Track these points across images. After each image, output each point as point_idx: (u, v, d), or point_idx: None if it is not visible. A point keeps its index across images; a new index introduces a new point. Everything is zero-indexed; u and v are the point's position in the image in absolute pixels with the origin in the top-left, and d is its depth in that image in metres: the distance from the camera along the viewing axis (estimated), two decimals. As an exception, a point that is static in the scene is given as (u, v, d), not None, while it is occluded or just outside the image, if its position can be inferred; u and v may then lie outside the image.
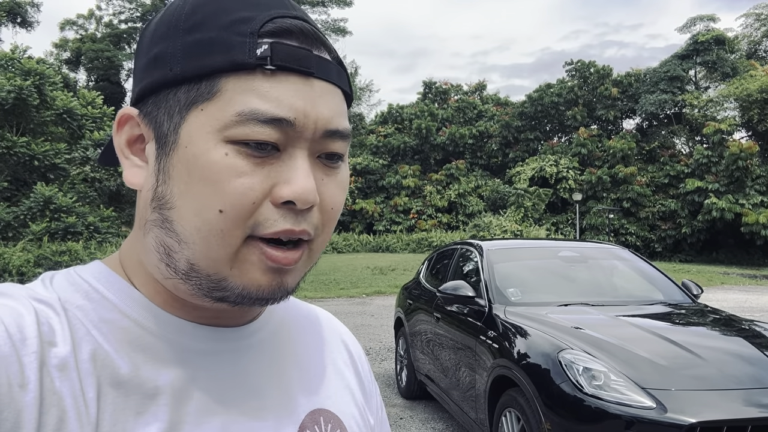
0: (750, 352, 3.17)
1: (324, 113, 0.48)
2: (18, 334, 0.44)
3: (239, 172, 0.45)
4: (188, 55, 0.47)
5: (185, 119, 0.47)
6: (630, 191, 29.92)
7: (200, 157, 0.46)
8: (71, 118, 18.31)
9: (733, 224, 26.71)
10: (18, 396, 0.41)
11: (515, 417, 3.28)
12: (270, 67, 0.46)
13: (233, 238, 0.46)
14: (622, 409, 2.70)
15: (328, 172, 0.50)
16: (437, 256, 5.96)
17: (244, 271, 0.47)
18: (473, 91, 39.29)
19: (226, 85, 0.46)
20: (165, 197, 0.48)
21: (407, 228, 32.05)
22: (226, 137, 0.45)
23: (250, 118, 0.45)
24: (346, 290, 15.39)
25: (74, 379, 0.45)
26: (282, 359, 0.59)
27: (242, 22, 0.46)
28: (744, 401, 2.74)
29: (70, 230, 15.75)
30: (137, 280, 0.52)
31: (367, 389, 0.67)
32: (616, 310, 3.89)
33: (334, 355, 0.65)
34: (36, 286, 0.50)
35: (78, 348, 0.46)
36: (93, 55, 37.52)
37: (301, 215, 0.48)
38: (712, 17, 33.36)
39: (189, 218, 0.47)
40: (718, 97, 29.89)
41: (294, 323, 0.64)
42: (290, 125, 0.46)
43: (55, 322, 0.47)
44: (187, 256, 0.48)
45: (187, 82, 0.47)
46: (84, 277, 0.52)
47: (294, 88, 0.47)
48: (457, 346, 4.28)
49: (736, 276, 21.14)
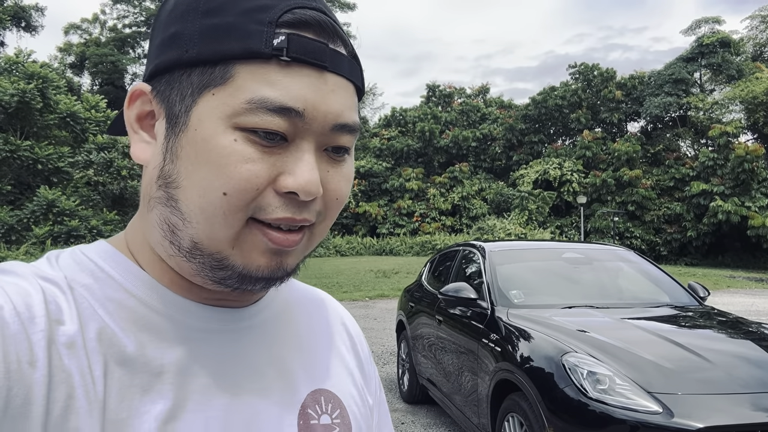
0: (758, 355, 3.10)
1: (334, 107, 0.48)
2: (26, 313, 0.44)
3: (246, 158, 0.46)
4: (205, 39, 0.47)
5: (197, 102, 0.47)
6: (635, 194, 29.78)
7: (209, 141, 0.46)
8: (75, 121, 18.35)
9: (739, 227, 26.55)
10: (27, 373, 0.42)
11: (518, 422, 3.21)
12: (285, 59, 0.46)
13: (235, 220, 0.47)
14: (628, 414, 2.63)
15: (334, 164, 0.51)
16: (439, 257, 5.90)
17: (245, 251, 0.48)
18: (477, 94, 39.27)
19: (240, 72, 0.46)
20: (171, 176, 0.49)
21: (411, 231, 32.00)
22: (236, 123, 0.46)
23: (260, 106, 0.45)
24: (349, 293, 15.34)
25: (82, 356, 0.46)
26: (284, 340, 0.60)
27: (261, 10, 0.47)
28: (752, 405, 2.66)
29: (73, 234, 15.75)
30: (142, 259, 0.53)
31: (366, 370, 0.68)
32: (622, 313, 3.82)
33: (334, 337, 0.66)
34: (42, 265, 0.51)
35: (85, 326, 0.47)
36: (97, 60, 37.69)
37: (303, 205, 0.48)
38: (717, 19, 33.25)
39: (193, 198, 0.47)
40: (724, 100, 29.76)
41: (296, 305, 0.65)
42: (299, 116, 0.46)
43: (61, 301, 0.47)
44: (190, 234, 0.48)
45: (201, 64, 0.47)
46: (89, 256, 0.52)
47: (307, 80, 0.47)
48: (459, 349, 4.21)
49: (743, 279, 20.98)
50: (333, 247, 29.02)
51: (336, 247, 29.15)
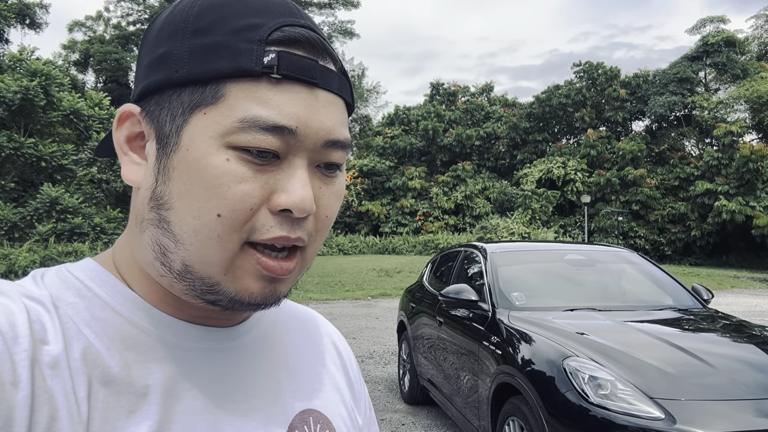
0: (762, 359, 3.06)
1: (326, 124, 0.48)
2: (10, 332, 0.44)
3: (239, 178, 0.46)
4: (194, 58, 0.47)
5: (188, 122, 0.47)
6: (639, 194, 29.68)
7: (201, 161, 0.46)
8: (78, 119, 18.36)
9: (744, 227, 26.44)
10: (10, 394, 0.42)
11: (518, 426, 3.18)
12: (276, 76, 0.46)
13: (230, 243, 0.47)
14: (630, 420, 2.60)
15: (326, 180, 0.51)
16: (441, 258, 5.87)
17: (237, 277, 0.48)
18: (481, 92, 39.18)
19: (231, 91, 0.46)
20: (164, 198, 0.48)
21: (413, 230, 31.97)
22: (228, 143, 0.46)
23: (252, 124, 0.45)
24: (352, 292, 15.32)
25: (66, 377, 0.45)
26: (272, 360, 0.59)
27: (250, 29, 0.47)
28: (756, 411, 2.63)
29: (76, 231, 15.79)
30: (130, 278, 0.53)
31: (356, 390, 0.68)
32: (624, 316, 3.78)
33: (324, 356, 0.66)
34: (27, 283, 0.50)
35: (69, 346, 0.46)
36: (101, 57, 37.73)
37: (297, 223, 0.48)
38: (722, 18, 33.07)
39: (187, 220, 0.47)
40: (728, 99, 29.61)
41: (285, 324, 0.64)
42: (291, 134, 0.46)
43: (46, 320, 0.46)
44: (182, 257, 0.48)
45: (191, 84, 0.47)
46: (75, 275, 0.52)
47: (298, 97, 0.47)
48: (460, 351, 4.18)
49: (747, 280, 20.89)
50: (336, 245, 29.03)
51: (339, 245, 29.15)
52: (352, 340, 8.82)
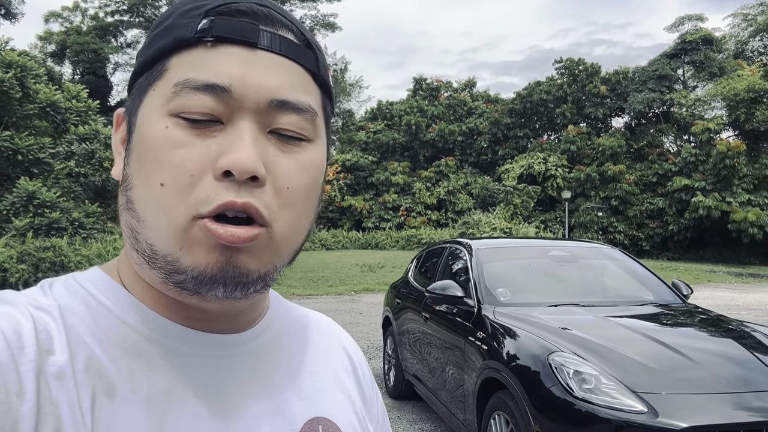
0: (740, 353, 3.14)
1: (267, 82, 0.47)
2: (16, 342, 0.44)
3: (177, 143, 0.45)
4: (150, 45, 0.50)
5: (142, 102, 0.49)
6: (618, 189, 30.07)
7: (145, 132, 0.47)
8: (55, 111, 18.01)
9: (720, 222, 26.95)
10: (15, 405, 0.41)
11: (504, 420, 3.22)
12: (209, 39, 0.46)
13: (176, 215, 0.46)
14: (613, 414, 2.65)
15: (285, 148, 0.49)
16: (426, 254, 5.90)
17: (193, 250, 0.46)
18: (463, 88, 39.27)
19: (172, 63, 0.47)
20: (128, 178, 0.49)
21: (396, 225, 32.01)
22: (168, 110, 0.46)
23: (184, 86, 0.46)
24: (335, 287, 15.32)
25: (71, 388, 0.45)
26: (279, 367, 0.58)
27: (196, 8, 0.48)
28: (735, 405, 2.70)
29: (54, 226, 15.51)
30: (130, 283, 0.53)
31: (367, 397, 0.67)
32: (607, 311, 3.85)
33: (334, 363, 0.65)
34: (35, 293, 0.50)
35: (74, 356, 0.46)
36: (78, 48, 37.03)
37: (245, 188, 0.45)
38: (700, 17, 33.56)
39: (142, 195, 0.47)
40: (706, 97, 30.10)
41: (293, 331, 0.63)
42: (226, 92, 0.46)
43: (53, 330, 0.46)
44: (145, 236, 0.48)
45: (147, 69, 0.49)
46: (82, 284, 0.52)
47: (234, 57, 0.46)
48: (446, 346, 4.22)
49: (723, 274, 21.32)
50: (318, 240, 28.95)
51: (321, 240, 29.08)
52: (336, 335, 8.82)
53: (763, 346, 3.26)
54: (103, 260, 14.23)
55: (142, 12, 39.48)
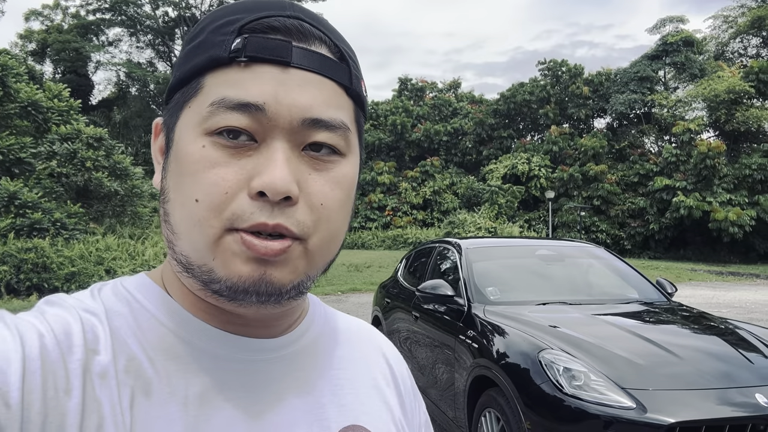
0: (724, 350, 3.21)
1: (300, 101, 0.47)
2: (66, 341, 0.46)
3: (213, 163, 0.47)
4: (186, 61, 0.51)
5: (179, 118, 0.50)
6: (601, 189, 30.40)
7: (183, 151, 0.49)
8: (37, 111, 17.75)
9: (701, 222, 27.36)
10: (63, 401, 0.44)
11: (495, 417, 3.26)
12: (242, 59, 0.47)
13: (210, 228, 0.47)
14: (602, 409, 2.70)
15: (318, 166, 0.49)
16: (415, 254, 5.93)
17: (225, 261, 0.47)
18: (448, 88, 39.44)
19: (207, 81, 0.48)
20: (165, 192, 0.51)
21: (383, 225, 32.04)
22: (204, 129, 0.47)
23: (220, 105, 0.47)
24: (322, 288, 15.29)
25: (113, 387, 0.47)
26: (316, 373, 0.58)
27: (229, 24, 0.49)
28: (720, 400, 2.76)
29: (36, 227, 15.28)
30: (171, 288, 0.54)
31: (407, 407, 0.66)
32: (594, 309, 3.91)
33: (373, 370, 0.64)
34: (84, 297, 0.52)
35: (117, 357, 0.48)
36: (59, 47, 36.49)
37: (278, 209, 0.47)
38: (682, 19, 34.03)
39: (178, 210, 0.49)
40: (687, 98, 30.54)
41: (332, 337, 0.63)
42: (261, 111, 0.46)
43: (99, 331, 0.49)
44: (181, 248, 0.49)
45: (183, 84, 0.50)
46: (127, 288, 0.54)
47: (268, 76, 0.47)
48: (436, 345, 4.26)
49: (703, 272, 21.65)
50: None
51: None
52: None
53: (746, 342, 3.34)
54: (86, 261, 14.04)
55: (124, 10, 39.02)
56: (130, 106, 37.02)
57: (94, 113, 34.57)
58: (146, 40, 41.22)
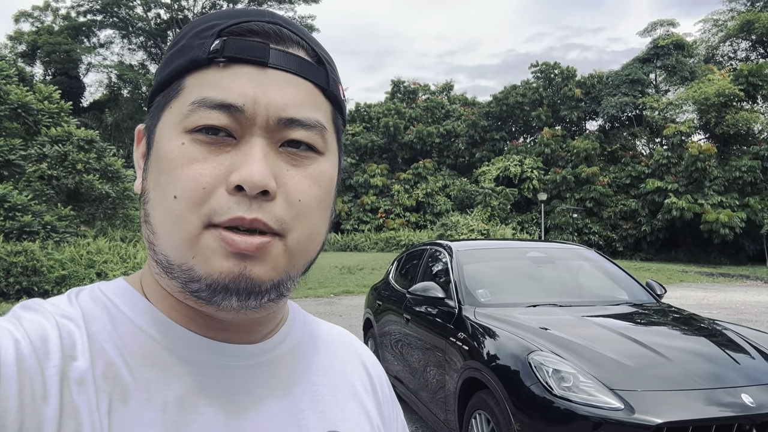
0: (712, 351, 3.24)
1: (277, 100, 0.49)
2: (42, 348, 0.46)
3: (192, 158, 0.47)
4: (167, 65, 0.52)
5: (160, 119, 0.51)
6: (593, 191, 30.56)
7: (163, 149, 0.49)
8: (27, 113, 17.64)
9: (692, 223, 27.55)
10: (40, 408, 0.43)
11: (485, 419, 3.27)
12: (221, 60, 0.48)
13: (188, 225, 0.47)
14: (591, 411, 2.71)
15: (295, 162, 0.50)
16: (406, 256, 5.94)
17: (205, 258, 0.47)
18: (441, 91, 39.53)
19: (188, 82, 0.50)
20: (146, 192, 0.51)
21: (375, 227, 32.04)
22: (184, 127, 0.48)
23: (200, 104, 0.48)
24: (314, 290, 15.27)
25: (91, 393, 0.46)
26: (295, 379, 0.58)
27: (209, 28, 0.50)
28: (708, 401, 2.79)
29: (25, 229, 15.17)
30: (151, 293, 0.54)
31: (385, 413, 0.66)
32: (583, 311, 3.93)
33: (351, 377, 0.64)
34: (61, 302, 0.52)
35: (95, 362, 0.48)
36: (50, 49, 36.29)
37: (256, 203, 0.47)
38: (672, 22, 34.29)
39: (157, 208, 0.49)
40: (678, 100, 30.77)
41: (311, 343, 0.63)
42: (239, 111, 0.48)
43: (76, 337, 0.48)
44: (161, 248, 0.49)
45: (164, 87, 0.52)
46: (105, 293, 0.54)
47: (246, 77, 0.48)
48: (427, 347, 4.26)
49: (694, 274, 21.80)
50: (297, 242, 28.80)
51: (300, 242, 28.94)
52: (315, 338, 8.80)
53: (733, 343, 3.37)
54: (77, 264, 13.95)
55: (116, 12, 38.87)
56: (122, 109, 36.86)
57: (85, 115, 34.38)
58: (138, 42, 41.08)
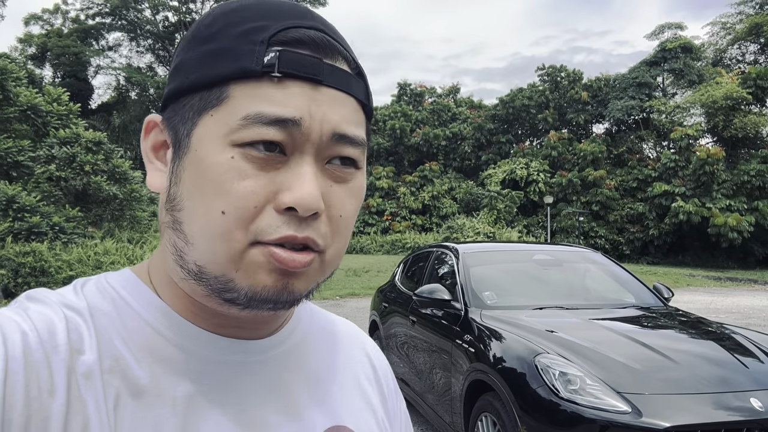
0: (720, 354, 3.22)
1: (331, 117, 0.48)
2: (50, 341, 0.45)
3: (243, 174, 0.46)
4: (203, 64, 0.49)
5: (197, 124, 0.48)
6: (599, 194, 30.43)
7: (207, 160, 0.47)
8: (36, 114, 17.76)
9: (699, 227, 27.38)
10: (47, 402, 0.43)
11: (491, 421, 3.26)
12: (276, 75, 0.47)
13: (235, 243, 0.46)
14: (598, 414, 2.70)
15: (338, 178, 0.50)
16: (413, 258, 5.94)
17: (250, 272, 0.47)
18: (447, 93, 39.52)
19: (235, 92, 0.47)
20: (176, 199, 0.49)
21: (381, 230, 32.03)
22: (233, 141, 0.46)
23: (255, 121, 0.46)
24: (320, 292, 15.21)
25: (98, 387, 0.46)
26: (302, 374, 0.58)
27: (255, 31, 0.48)
28: (715, 404, 2.77)
29: (34, 230, 15.27)
30: (160, 287, 0.53)
31: (390, 407, 0.66)
32: (590, 314, 3.91)
33: (356, 371, 0.64)
34: (67, 292, 0.51)
35: (102, 356, 0.47)
36: (59, 51, 36.57)
37: (305, 222, 0.47)
38: (680, 25, 34.17)
39: (195, 219, 0.48)
40: (685, 104, 30.62)
41: (316, 337, 0.63)
42: (295, 125, 0.46)
43: (83, 330, 0.48)
44: (194, 257, 0.48)
45: (201, 89, 0.48)
46: (112, 284, 0.53)
47: (300, 92, 0.47)
48: (433, 349, 4.26)
49: (701, 278, 21.66)
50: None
51: (305, 245, 28.97)
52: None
53: (741, 347, 3.35)
54: (84, 265, 14.04)
55: (124, 15, 39.11)
56: (130, 111, 37.06)
57: (93, 117, 34.59)
58: (146, 45, 41.31)
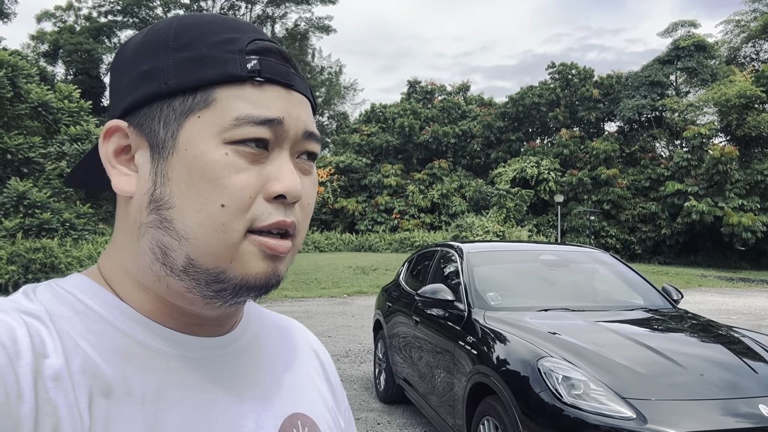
0: (729, 359, 3.15)
1: (303, 117, 0.55)
2: (12, 347, 0.46)
3: (238, 169, 0.51)
4: (182, 70, 0.52)
5: (182, 126, 0.52)
6: (611, 193, 30.17)
7: (201, 158, 0.51)
8: (47, 111, 17.89)
9: (712, 227, 27.09)
10: (15, 407, 0.44)
11: (493, 425, 3.21)
12: (259, 79, 0.52)
13: (234, 232, 0.51)
14: (602, 420, 2.64)
15: (305, 170, 0.56)
16: (417, 257, 5.89)
17: (244, 261, 0.52)
18: (457, 91, 39.36)
19: (221, 95, 0.52)
20: (164, 198, 0.52)
21: (390, 228, 31.98)
22: (225, 139, 0.51)
23: (246, 121, 0.51)
24: (328, 290, 15.28)
25: (68, 389, 0.47)
26: (259, 366, 0.63)
27: (229, 42, 0.53)
28: (723, 411, 2.70)
29: (44, 227, 15.40)
30: (121, 290, 0.55)
31: (336, 394, 0.72)
32: (596, 316, 3.84)
33: (305, 363, 0.70)
34: (19, 299, 0.52)
35: (69, 359, 0.48)
36: (71, 48, 36.86)
37: (289, 209, 0.53)
38: (693, 23, 33.76)
39: (190, 215, 0.51)
40: (698, 102, 30.27)
41: (268, 333, 0.67)
42: (279, 124, 0.52)
43: (45, 335, 0.48)
44: (186, 252, 0.51)
45: (182, 93, 0.52)
46: (67, 289, 0.54)
47: (278, 96, 0.53)
48: (436, 350, 4.21)
49: (714, 278, 21.43)
50: (312, 242, 28.90)
51: (315, 243, 29.02)
52: (327, 338, 8.79)
53: (751, 351, 3.27)
54: (94, 261, 14.11)
55: (136, 12, 39.35)
56: (141, 108, 37.24)
57: (104, 115, 34.78)
58: (157, 42, 41.49)
